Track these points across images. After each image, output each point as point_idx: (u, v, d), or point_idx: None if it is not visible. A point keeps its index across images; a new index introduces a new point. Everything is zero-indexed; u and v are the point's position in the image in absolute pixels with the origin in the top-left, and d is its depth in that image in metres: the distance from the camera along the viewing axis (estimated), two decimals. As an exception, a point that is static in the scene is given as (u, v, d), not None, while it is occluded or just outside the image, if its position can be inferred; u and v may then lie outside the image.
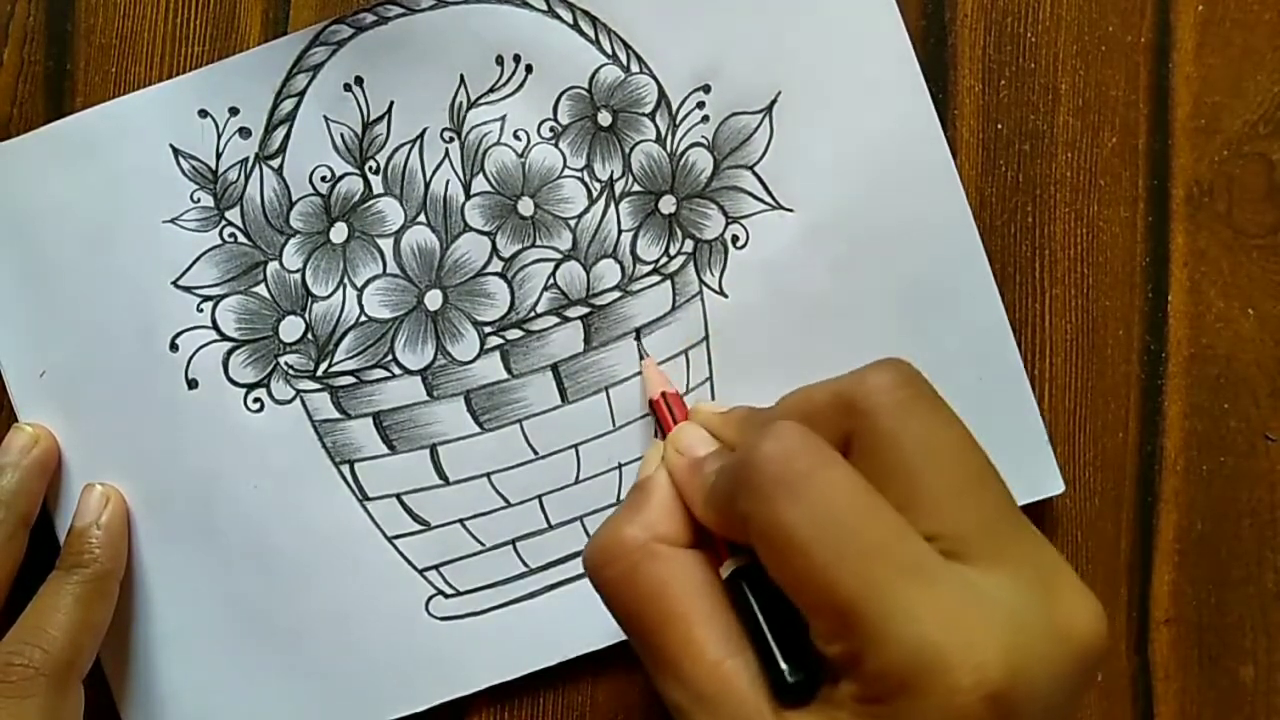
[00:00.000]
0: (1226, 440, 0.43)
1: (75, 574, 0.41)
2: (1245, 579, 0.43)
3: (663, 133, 0.43)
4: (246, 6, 0.44)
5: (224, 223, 0.43)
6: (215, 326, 0.43)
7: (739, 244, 0.43)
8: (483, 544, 0.43)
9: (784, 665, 0.30)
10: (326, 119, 0.43)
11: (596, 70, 0.43)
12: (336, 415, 0.43)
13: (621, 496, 0.43)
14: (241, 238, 0.43)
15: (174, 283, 0.43)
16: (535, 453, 0.43)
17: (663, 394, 0.40)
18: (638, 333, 0.43)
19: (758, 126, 0.42)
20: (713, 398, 0.43)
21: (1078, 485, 0.43)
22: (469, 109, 0.43)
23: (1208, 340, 0.43)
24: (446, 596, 0.43)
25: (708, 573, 0.33)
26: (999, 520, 0.30)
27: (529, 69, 0.43)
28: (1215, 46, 0.43)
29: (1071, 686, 0.29)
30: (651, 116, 0.43)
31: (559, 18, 0.43)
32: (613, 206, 0.43)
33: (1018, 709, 0.27)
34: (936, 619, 0.27)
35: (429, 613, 0.43)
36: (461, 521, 0.43)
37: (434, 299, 0.43)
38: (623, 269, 0.43)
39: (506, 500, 0.43)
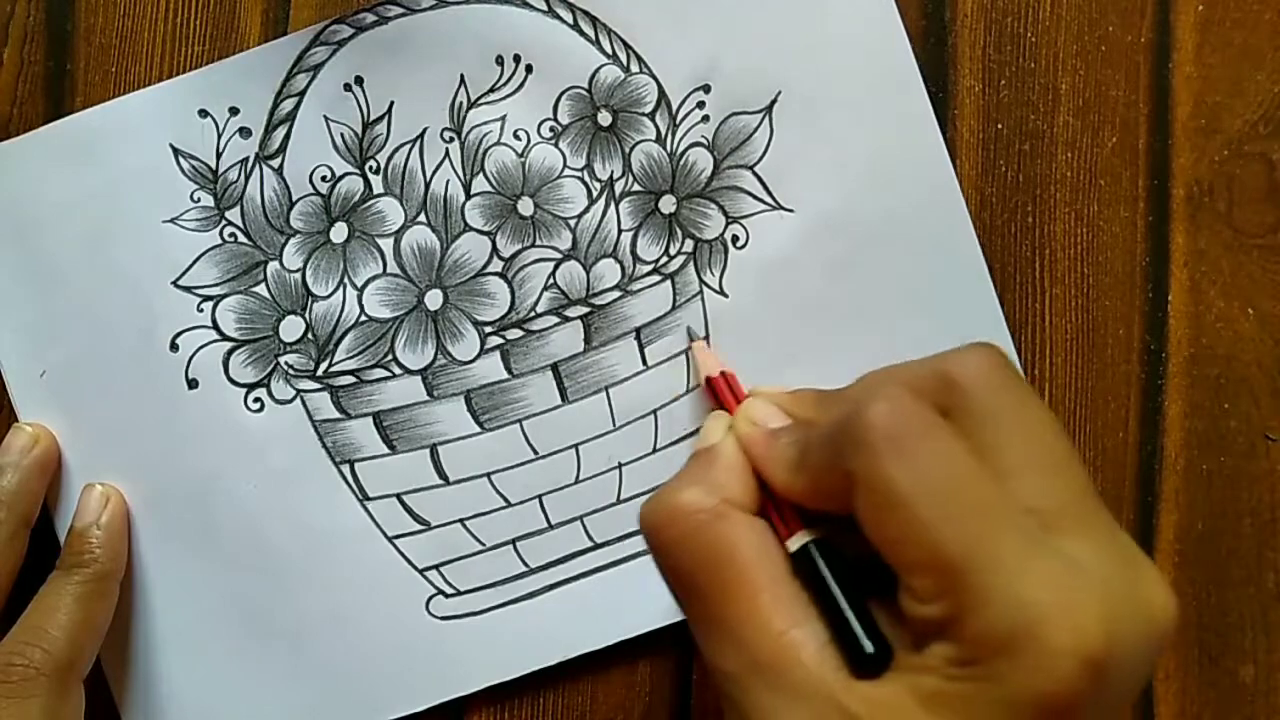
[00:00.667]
0: (1226, 440, 0.43)
1: (76, 574, 0.41)
2: (1245, 579, 0.43)
3: (663, 132, 0.43)
4: (246, 6, 0.44)
5: (224, 222, 0.43)
6: (215, 326, 0.43)
7: (739, 244, 0.43)
8: (483, 544, 0.43)
9: (863, 637, 0.30)
10: (327, 119, 0.43)
11: (596, 70, 0.43)
12: (337, 415, 0.43)
13: (622, 496, 0.43)
14: (242, 237, 0.43)
15: (174, 283, 0.43)
16: (535, 452, 0.43)
17: (721, 373, 0.40)
18: (638, 332, 0.43)
19: (758, 126, 0.42)
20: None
21: None
22: (469, 109, 0.43)
23: (1208, 340, 0.43)
24: (447, 596, 0.43)
25: (774, 541, 0.32)
26: (1086, 497, 0.30)
27: (529, 69, 0.43)
28: (1215, 46, 0.43)
29: (1149, 661, 0.29)
30: (651, 116, 0.43)
31: (559, 18, 0.43)
32: (613, 206, 0.43)
33: (1109, 675, 0.27)
34: (1040, 580, 0.27)
35: (429, 612, 0.43)
36: (462, 521, 0.43)
37: (434, 299, 0.43)
38: (623, 269, 0.43)
39: (507, 500, 0.43)
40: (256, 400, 0.43)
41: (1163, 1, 0.43)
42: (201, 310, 0.43)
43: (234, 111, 0.43)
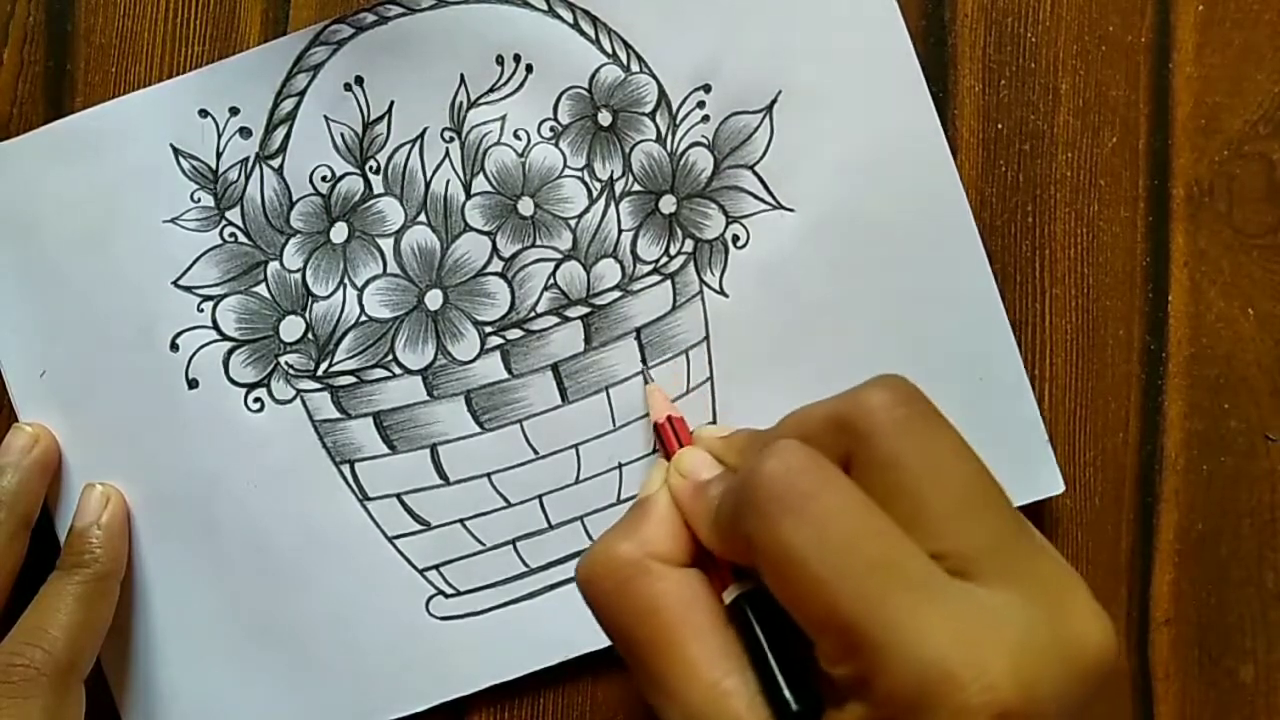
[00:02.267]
0: (1226, 440, 0.43)
1: (76, 574, 0.41)
2: (1245, 579, 0.43)
3: (663, 132, 0.43)
4: (247, 7, 0.44)
5: (224, 222, 0.43)
6: (216, 326, 0.43)
7: (739, 244, 0.43)
8: (483, 544, 0.43)
9: (788, 693, 0.30)
10: (327, 119, 0.43)
11: (597, 70, 0.43)
12: (337, 415, 0.43)
13: (622, 496, 0.43)
14: (242, 237, 0.43)
15: (174, 282, 0.43)
16: (535, 452, 0.43)
17: (668, 418, 0.40)
18: (638, 332, 0.43)
19: (758, 126, 0.42)
20: (713, 399, 0.43)
21: (1078, 485, 0.43)
22: (469, 109, 0.43)
23: (1208, 340, 0.43)
24: (447, 596, 0.43)
25: (706, 592, 0.32)
26: (1005, 537, 0.30)
27: (529, 69, 0.43)
28: (1215, 46, 0.43)
29: (1081, 704, 0.28)
30: (652, 116, 0.43)
31: (559, 17, 0.43)
32: (613, 206, 0.43)
33: None
34: (945, 637, 0.27)
35: (429, 612, 0.43)
36: (462, 521, 0.43)
37: (434, 299, 0.43)
38: (623, 269, 0.43)
39: (507, 500, 0.43)
40: (257, 400, 0.43)
41: (1163, 1, 0.43)
42: (202, 310, 0.43)
43: (234, 111, 0.43)
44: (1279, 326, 0.43)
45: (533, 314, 0.43)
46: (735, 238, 0.43)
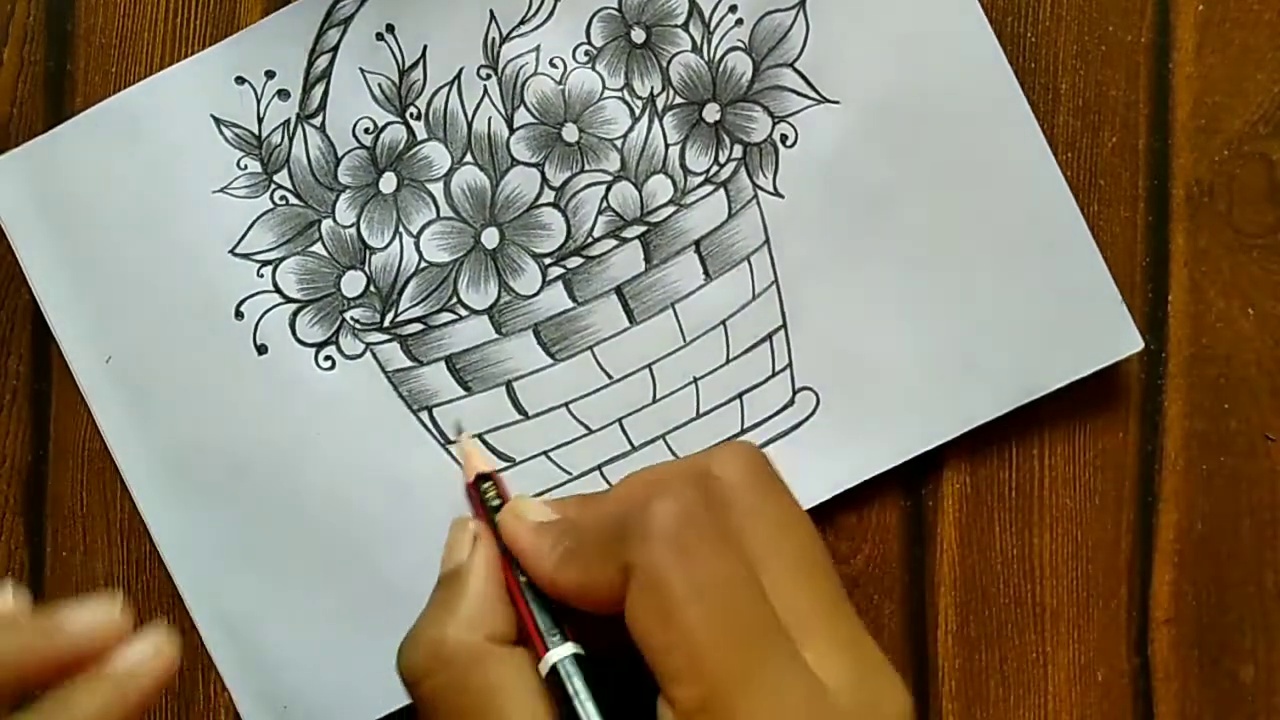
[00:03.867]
0: (1226, 440, 0.43)
1: None
2: (1245, 579, 0.43)
3: (698, 42, 0.43)
4: (247, 7, 0.44)
5: (273, 186, 0.43)
6: (278, 289, 0.43)
7: (788, 143, 0.43)
8: (570, 473, 0.43)
9: None
10: (362, 71, 0.43)
11: (624, -12, 0.43)
12: (409, 363, 0.43)
13: (701, 410, 0.43)
14: (293, 199, 0.43)
15: (231, 251, 0.43)
16: (610, 377, 0.43)
17: (487, 474, 0.38)
18: (697, 245, 0.43)
19: (793, 22, 0.42)
20: (780, 303, 0.43)
21: (1077, 485, 0.43)
22: (502, 43, 0.43)
23: (1208, 340, 0.43)
24: (541, 529, 0.43)
25: (534, 671, 0.32)
26: (835, 604, 0.31)
27: (557, -4, 0.43)
28: (1215, 46, 0.43)
29: None
30: (685, 27, 0.43)
31: (581, -60, 0.43)
32: (657, 122, 0.43)
33: None
34: (789, 707, 0.28)
35: (525, 548, 0.43)
36: (546, 453, 0.43)
37: (491, 237, 0.43)
38: (674, 183, 0.43)
39: (588, 427, 0.43)
40: (327, 359, 0.43)
41: (1163, 1, 0.43)
42: (261, 275, 0.43)
43: (270, 75, 0.43)
44: (1279, 326, 0.43)
45: (590, 239, 0.43)
46: (784, 137, 0.43)
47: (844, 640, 0.30)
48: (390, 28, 0.43)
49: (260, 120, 0.43)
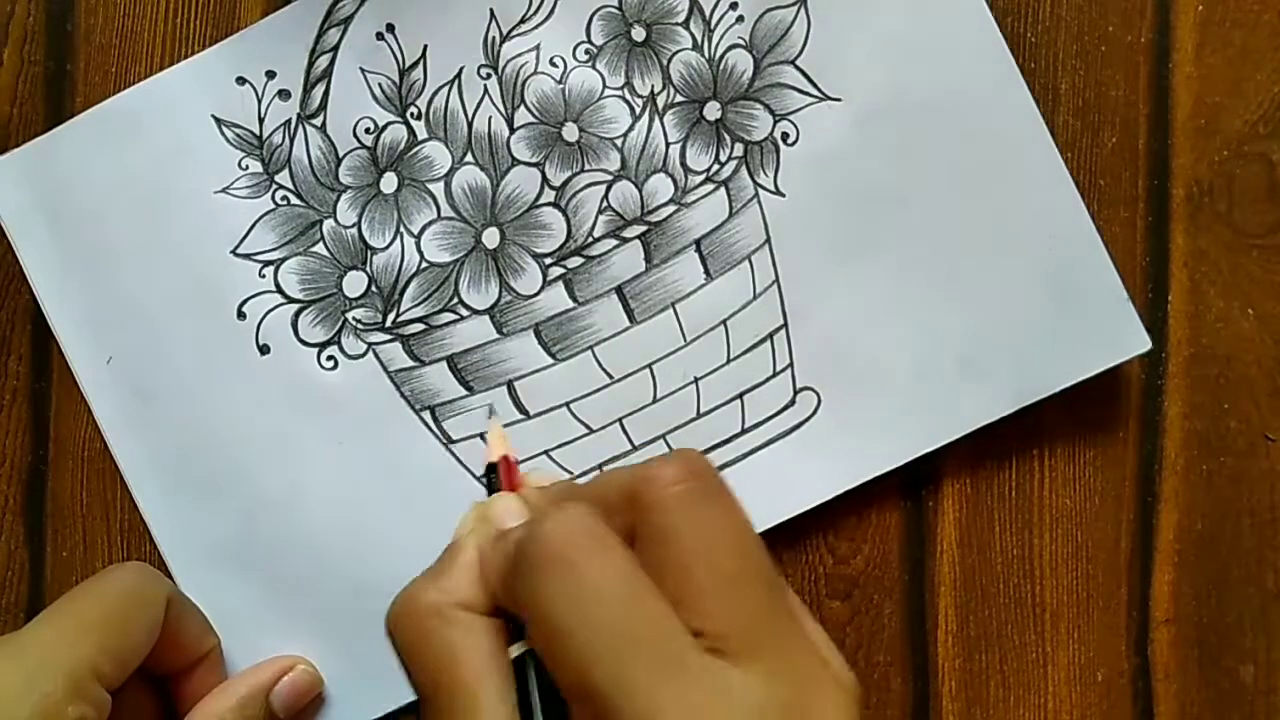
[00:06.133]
0: (1226, 440, 0.43)
1: None
2: (1245, 579, 0.43)
3: (699, 40, 0.43)
4: (247, 7, 0.44)
5: (275, 186, 0.43)
6: (279, 290, 0.43)
7: (789, 141, 0.42)
8: (570, 472, 0.43)
9: None
10: (363, 70, 0.43)
11: (625, -13, 0.43)
12: (411, 363, 0.43)
13: (702, 410, 0.43)
14: (294, 199, 0.43)
15: (233, 252, 0.43)
16: (610, 377, 0.43)
17: (504, 458, 0.38)
18: (698, 244, 0.43)
19: (794, 19, 0.42)
20: (781, 302, 0.43)
21: (1078, 485, 0.43)
22: (503, 42, 0.43)
23: (1208, 340, 0.43)
24: (542, 529, 0.43)
25: (500, 643, 0.32)
26: (764, 618, 0.30)
27: (557, -5, 0.43)
28: (1215, 46, 0.43)
29: None
30: (685, 25, 0.43)
31: (581, -61, 0.42)
32: (657, 120, 0.43)
33: None
34: (676, 717, 0.28)
35: (526, 547, 0.43)
36: (547, 453, 0.43)
37: (491, 237, 0.43)
38: (675, 182, 0.43)
39: (588, 427, 0.43)
40: (329, 358, 0.43)
41: (1163, 1, 0.43)
42: (263, 276, 0.43)
43: (271, 75, 0.43)
44: (1279, 326, 0.43)
45: (590, 239, 0.43)
46: (785, 135, 0.42)
47: (773, 657, 0.30)
48: (390, 27, 0.43)
49: (261, 120, 0.43)
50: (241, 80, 0.43)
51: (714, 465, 0.32)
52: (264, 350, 0.43)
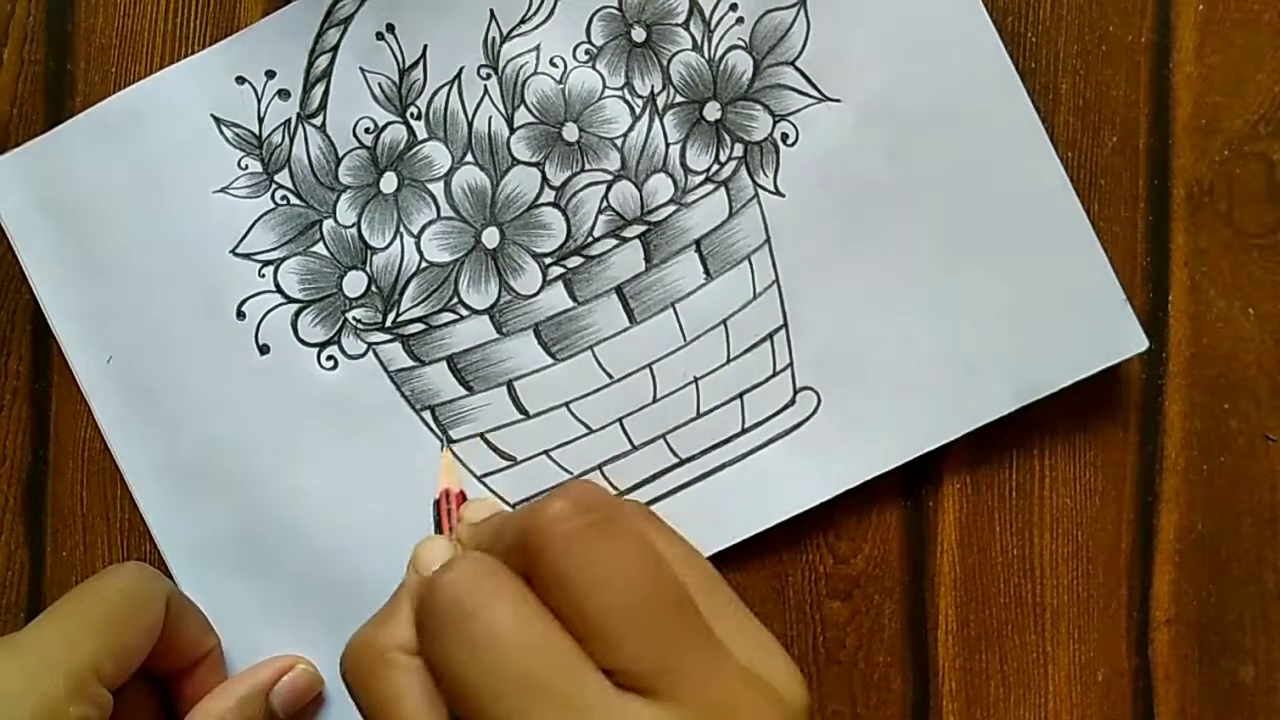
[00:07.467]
0: (1226, 440, 0.43)
1: None
2: (1245, 579, 0.43)
3: (699, 40, 0.43)
4: (247, 7, 0.44)
5: (274, 186, 0.43)
6: (279, 290, 0.43)
7: (789, 141, 0.43)
8: (570, 472, 0.43)
9: None
10: (363, 70, 0.43)
11: (625, -13, 0.43)
12: (410, 363, 0.43)
13: (702, 409, 0.43)
14: (294, 199, 0.43)
15: (232, 251, 0.43)
16: (610, 376, 0.43)
17: (444, 492, 0.39)
18: (697, 244, 0.43)
19: (794, 20, 0.42)
20: (781, 303, 0.43)
21: (1078, 485, 0.43)
22: (503, 42, 0.43)
23: (1208, 340, 0.43)
24: (541, 529, 0.43)
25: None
26: (676, 648, 0.30)
27: (557, -5, 0.43)
28: (1215, 46, 0.43)
29: None
30: (685, 25, 0.43)
31: (581, -61, 0.42)
32: (657, 120, 0.43)
33: None
34: None
35: (526, 547, 0.43)
36: (546, 453, 0.43)
37: (491, 236, 0.43)
38: (675, 182, 0.43)
39: (588, 427, 0.43)
40: (329, 358, 0.43)
41: (1163, 1, 0.43)
42: (263, 275, 0.43)
43: (270, 74, 0.43)
44: (1279, 326, 0.43)
45: (590, 239, 0.43)
46: (784, 136, 0.43)
47: (688, 685, 0.29)
48: (390, 27, 0.43)
49: (261, 120, 0.43)
50: (241, 80, 0.43)
51: (608, 492, 0.32)
52: (264, 350, 0.43)
